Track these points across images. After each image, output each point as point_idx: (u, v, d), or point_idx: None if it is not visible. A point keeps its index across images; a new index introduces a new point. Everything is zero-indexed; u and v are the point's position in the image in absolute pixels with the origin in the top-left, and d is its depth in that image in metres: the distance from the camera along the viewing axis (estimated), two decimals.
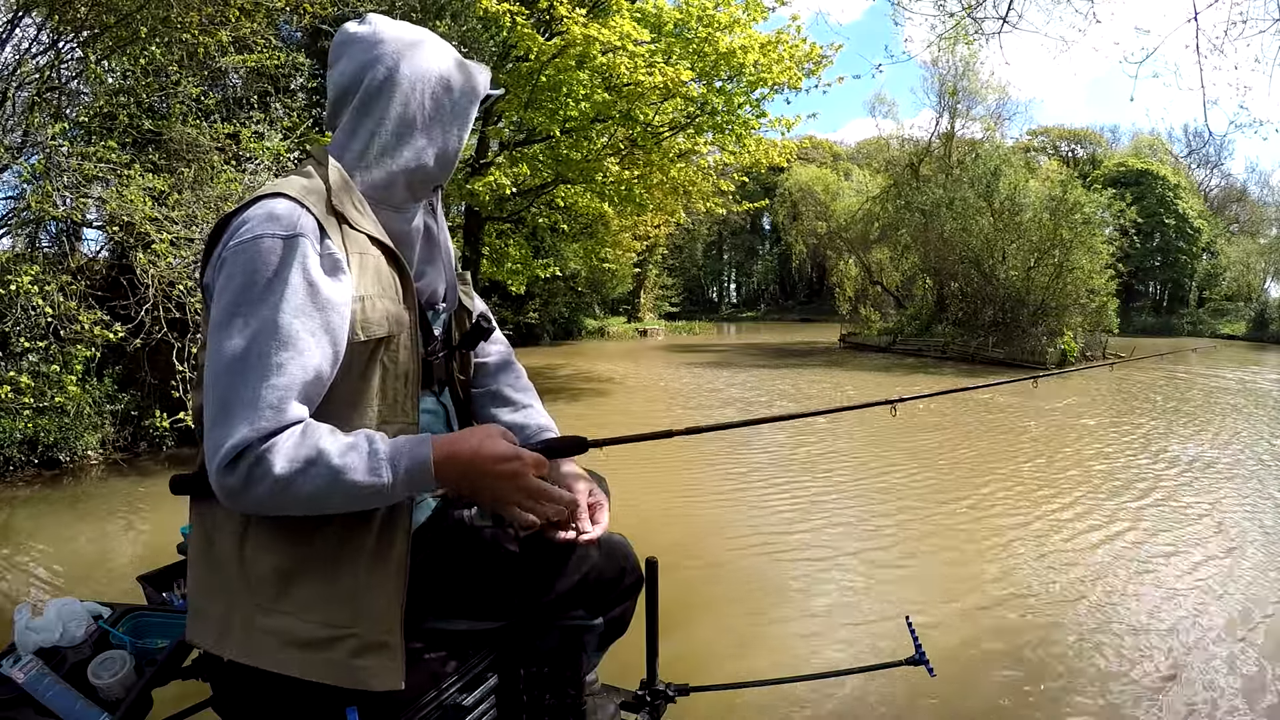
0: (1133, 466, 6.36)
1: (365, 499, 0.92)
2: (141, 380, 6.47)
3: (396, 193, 1.09)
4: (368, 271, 1.01)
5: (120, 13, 5.92)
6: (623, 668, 1.61)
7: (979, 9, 6.22)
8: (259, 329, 0.90)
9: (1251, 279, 34.01)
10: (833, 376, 14.28)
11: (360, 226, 1.02)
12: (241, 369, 0.89)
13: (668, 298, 35.15)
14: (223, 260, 0.95)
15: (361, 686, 0.96)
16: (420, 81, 1.08)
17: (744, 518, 4.88)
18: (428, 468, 0.93)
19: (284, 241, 0.93)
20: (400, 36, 1.09)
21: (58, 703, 1.02)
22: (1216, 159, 39.35)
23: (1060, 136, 42.41)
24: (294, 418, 0.90)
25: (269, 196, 0.97)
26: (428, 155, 1.09)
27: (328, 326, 0.94)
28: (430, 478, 0.93)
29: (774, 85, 9.39)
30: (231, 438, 0.87)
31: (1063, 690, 2.64)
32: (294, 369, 0.90)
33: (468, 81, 1.12)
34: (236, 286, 0.92)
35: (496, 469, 0.97)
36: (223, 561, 1.00)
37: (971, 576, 3.80)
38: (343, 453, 0.89)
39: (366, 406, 1.01)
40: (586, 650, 1.28)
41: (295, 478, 0.87)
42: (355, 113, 1.07)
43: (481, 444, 0.97)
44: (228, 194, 6.05)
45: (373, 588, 0.98)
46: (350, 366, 0.99)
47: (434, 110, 1.09)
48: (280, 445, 0.87)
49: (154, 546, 4.31)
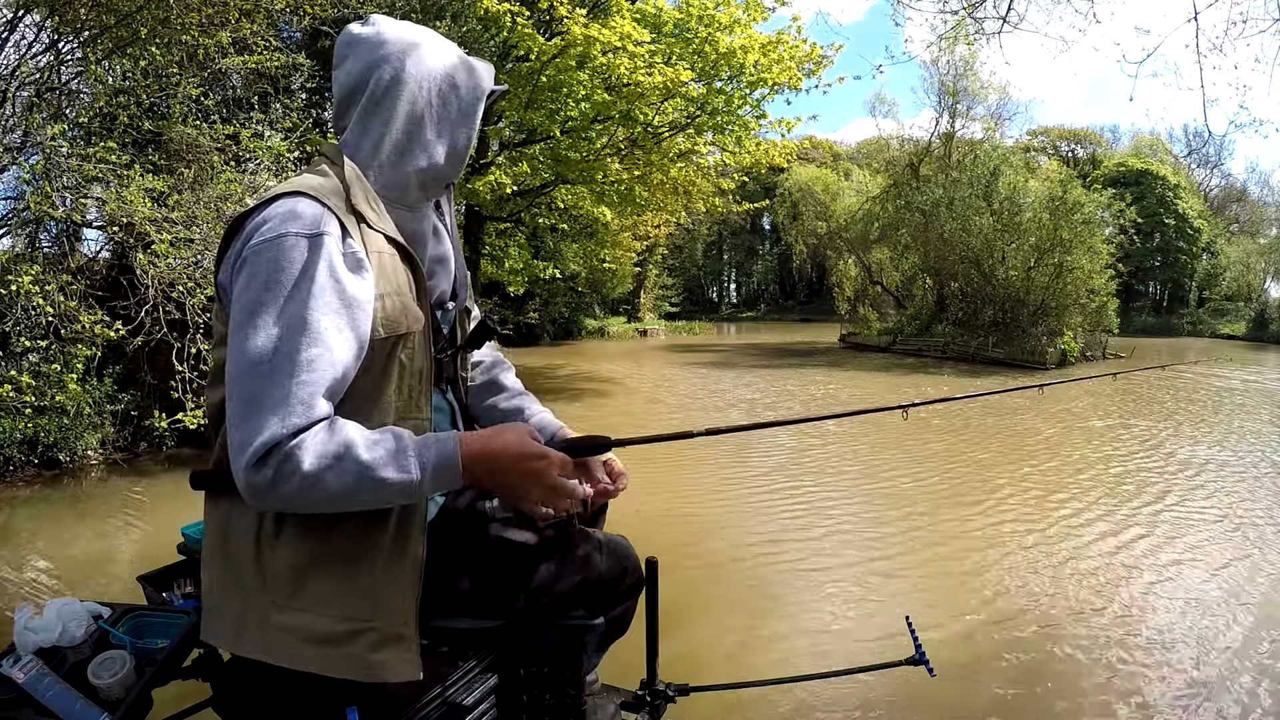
0: (1143, 469, 6.33)
1: (393, 495, 0.93)
2: (141, 380, 6.47)
3: (410, 192, 1.10)
4: (385, 270, 1.02)
5: (120, 13, 5.92)
6: (623, 668, 1.61)
7: (979, 9, 6.22)
8: (287, 326, 0.90)
9: (1251, 279, 34.00)
10: (834, 377, 14.28)
11: (377, 226, 1.03)
12: (269, 366, 0.89)
13: (668, 298, 35.16)
14: (243, 259, 0.95)
15: (380, 679, 0.97)
16: (427, 80, 1.09)
17: (745, 518, 4.88)
18: (455, 464, 0.94)
19: (308, 240, 0.93)
20: (403, 36, 1.10)
21: (58, 703, 1.02)
22: (1216, 159, 39.41)
23: (1060, 136, 42.42)
24: (323, 414, 0.90)
25: (289, 195, 0.98)
26: (438, 154, 1.10)
27: (353, 324, 0.95)
28: (457, 474, 0.95)
29: (774, 86, 9.38)
30: (261, 434, 0.86)
31: (1063, 691, 2.64)
32: (323, 365, 0.91)
33: (473, 79, 1.13)
34: (260, 284, 0.92)
35: (524, 467, 0.99)
36: (239, 560, 1.01)
37: (973, 577, 3.80)
38: (370, 448, 0.90)
39: (386, 403, 1.03)
40: (587, 650, 1.28)
41: (324, 474, 0.87)
42: (364, 113, 1.08)
43: (510, 442, 0.99)
44: (228, 194, 6.05)
45: (390, 583, 1.00)
46: (371, 363, 1.00)
47: (442, 108, 1.10)
48: (309, 442, 0.87)
49: (154, 546, 4.31)
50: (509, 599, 1.18)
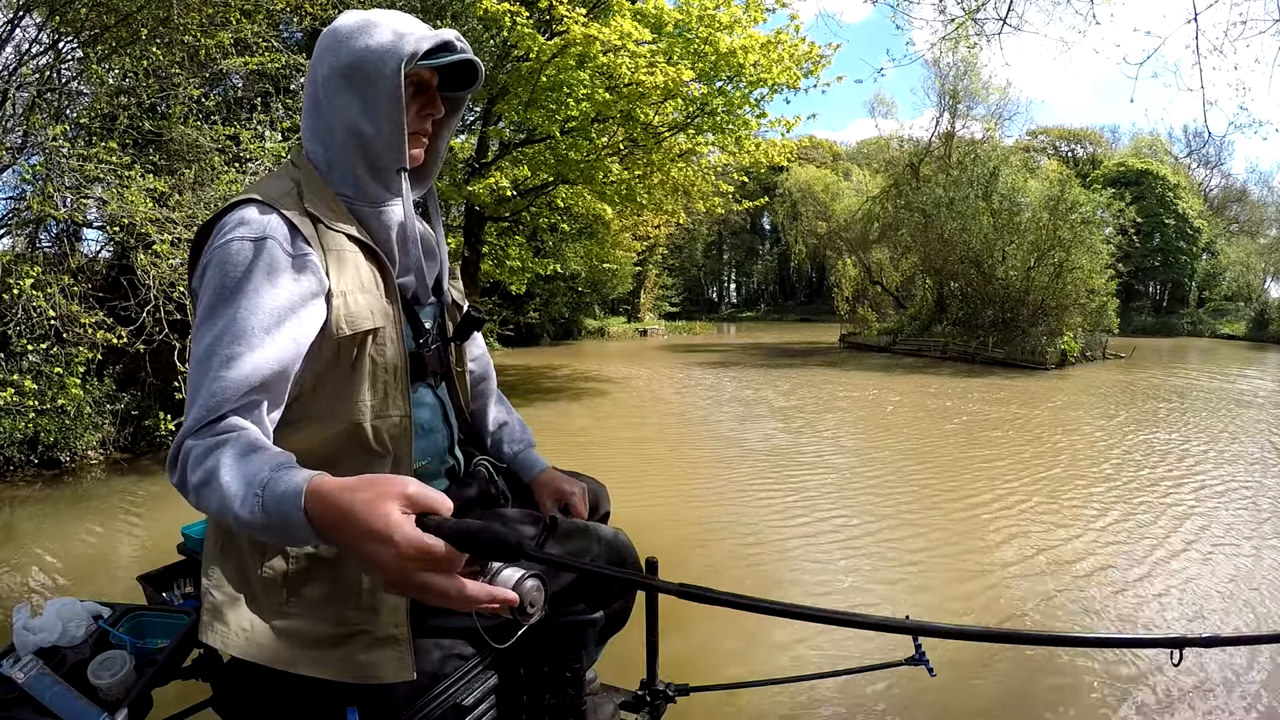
0: (1144, 469, 6.34)
1: (258, 533, 0.79)
2: (142, 380, 6.47)
3: (364, 186, 1.09)
4: (346, 268, 1.03)
5: (120, 13, 5.93)
6: (623, 668, 1.61)
7: (980, 11, 6.22)
8: (222, 328, 0.92)
9: (1251, 279, 34.00)
10: (834, 377, 14.28)
11: (335, 225, 1.04)
12: (199, 368, 0.91)
13: (668, 298, 35.17)
14: (202, 266, 0.97)
15: (374, 680, 0.98)
16: (350, 65, 1.04)
17: (745, 518, 4.88)
18: (294, 508, 0.74)
19: (253, 244, 0.95)
20: (341, 28, 1.07)
21: (58, 703, 1.02)
22: (1217, 159, 39.34)
23: (1060, 136, 42.38)
24: (237, 412, 0.88)
25: (243, 202, 1.00)
26: (366, 134, 1.06)
27: (289, 324, 0.94)
28: (305, 529, 0.74)
29: (773, 86, 9.39)
30: (181, 431, 0.88)
31: (1064, 691, 2.64)
32: (242, 365, 0.89)
33: (394, 46, 1.04)
34: (211, 289, 0.94)
35: (362, 547, 0.70)
36: (237, 564, 1.02)
37: (973, 576, 3.80)
38: (232, 478, 0.80)
39: (358, 400, 1.03)
40: (587, 645, 1.28)
41: (201, 488, 0.83)
42: (308, 113, 1.10)
43: (355, 504, 0.70)
44: (228, 195, 6.05)
45: (379, 587, 1.00)
46: (338, 360, 1.01)
47: (365, 86, 1.04)
48: (198, 450, 0.84)
49: (154, 546, 4.31)
50: None
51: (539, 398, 11.25)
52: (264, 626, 0.98)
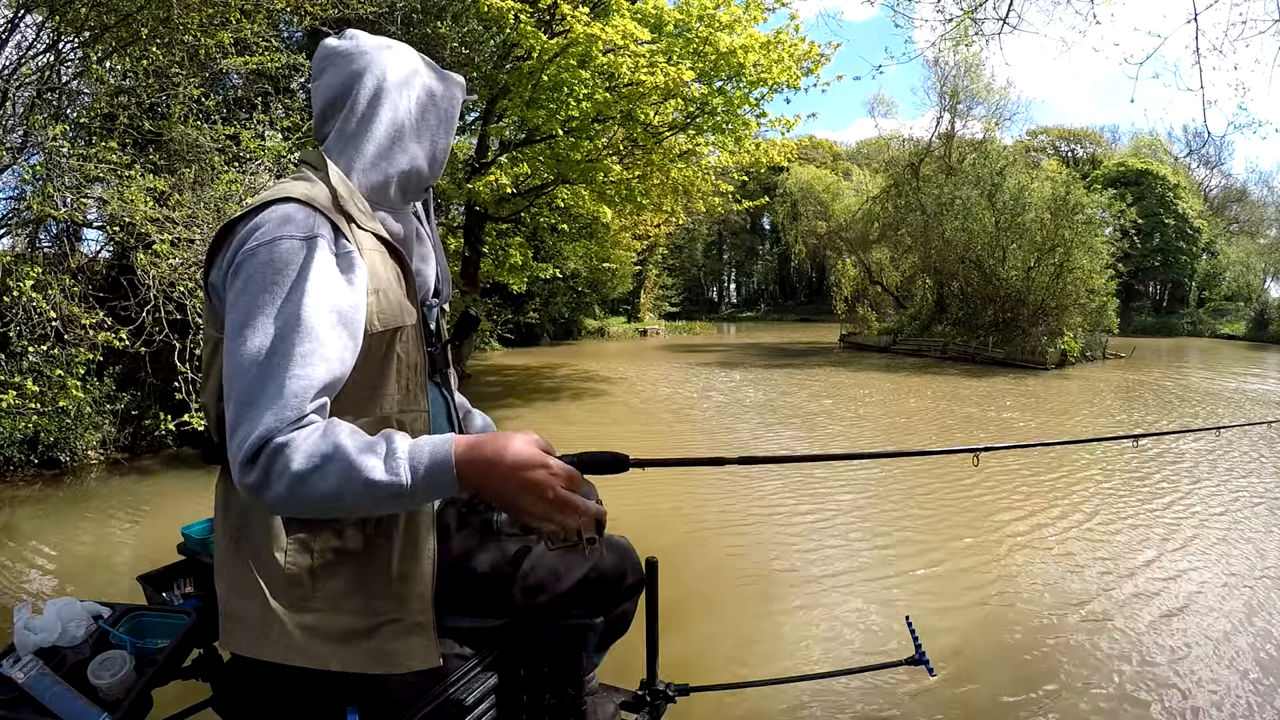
0: (1145, 470, 6.34)
1: (383, 500, 0.89)
2: (142, 380, 6.47)
3: (390, 195, 1.14)
4: (377, 267, 1.05)
5: (120, 13, 5.92)
6: (623, 668, 1.61)
7: (979, 10, 6.22)
8: (283, 325, 0.92)
9: (1251, 279, 33.99)
10: (836, 377, 14.28)
11: (366, 226, 1.07)
12: (265, 365, 0.90)
13: (668, 298, 35.15)
14: (238, 263, 0.96)
15: (402, 669, 1.00)
16: (407, 89, 1.14)
17: (745, 518, 4.88)
18: (449, 469, 0.89)
19: (303, 243, 0.96)
20: (382, 49, 1.15)
21: (58, 703, 1.02)
22: (1216, 159, 39.32)
23: (1060, 136, 42.37)
24: (316, 409, 0.91)
25: (278, 201, 1.00)
26: (420, 159, 1.16)
27: (347, 322, 0.97)
28: (452, 479, 0.89)
29: (773, 85, 9.39)
30: (254, 431, 0.87)
31: (1064, 691, 2.64)
32: (317, 361, 0.92)
33: (449, 88, 1.20)
34: (257, 287, 0.94)
35: (523, 476, 0.90)
36: (252, 564, 1.01)
37: (973, 577, 3.80)
38: (362, 450, 0.88)
39: (386, 396, 1.05)
40: (587, 649, 1.28)
41: (312, 474, 0.86)
42: (346, 121, 1.12)
43: (508, 448, 0.91)
44: (229, 195, 6.05)
45: (407, 574, 1.03)
46: (369, 356, 1.03)
47: (421, 116, 1.16)
48: (299, 440, 0.87)
49: (154, 546, 4.31)
50: (509, 598, 1.18)
51: (539, 398, 11.25)
52: (290, 624, 0.98)
